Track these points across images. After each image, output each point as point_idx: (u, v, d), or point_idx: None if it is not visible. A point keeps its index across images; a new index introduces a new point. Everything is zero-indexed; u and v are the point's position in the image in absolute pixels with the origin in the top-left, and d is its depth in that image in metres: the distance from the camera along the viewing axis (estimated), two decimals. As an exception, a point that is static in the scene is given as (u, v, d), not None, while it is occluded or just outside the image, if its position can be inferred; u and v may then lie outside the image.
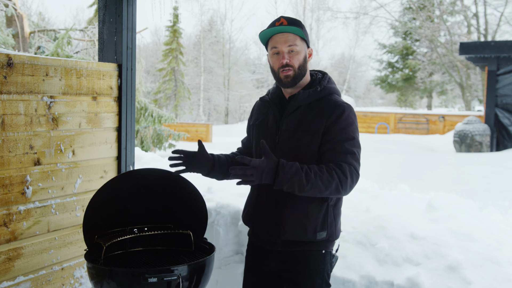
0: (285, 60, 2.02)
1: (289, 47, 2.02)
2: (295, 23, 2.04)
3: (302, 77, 2.08)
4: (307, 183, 1.87)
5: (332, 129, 2.00)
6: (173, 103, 27.73)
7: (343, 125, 2.00)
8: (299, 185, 1.87)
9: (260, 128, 2.20)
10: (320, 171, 1.90)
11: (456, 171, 9.92)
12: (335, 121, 2.00)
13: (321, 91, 2.08)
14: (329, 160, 1.97)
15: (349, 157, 1.96)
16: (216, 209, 3.41)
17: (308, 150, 2.03)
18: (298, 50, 2.03)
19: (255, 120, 2.25)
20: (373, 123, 24.19)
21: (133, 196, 2.27)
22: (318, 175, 1.88)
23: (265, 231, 2.13)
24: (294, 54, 2.03)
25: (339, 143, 1.98)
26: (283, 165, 1.87)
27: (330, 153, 1.98)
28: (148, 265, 2.22)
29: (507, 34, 26.90)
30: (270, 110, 2.18)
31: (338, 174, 1.91)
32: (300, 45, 2.04)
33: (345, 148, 1.97)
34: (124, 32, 3.06)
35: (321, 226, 2.05)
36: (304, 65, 2.07)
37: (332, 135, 1.99)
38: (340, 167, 1.93)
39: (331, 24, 55.10)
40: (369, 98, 49.07)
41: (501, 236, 3.13)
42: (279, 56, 2.04)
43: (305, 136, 2.03)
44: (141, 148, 13.54)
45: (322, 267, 2.11)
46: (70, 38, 10.57)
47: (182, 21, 40.48)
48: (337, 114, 2.01)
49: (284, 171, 1.86)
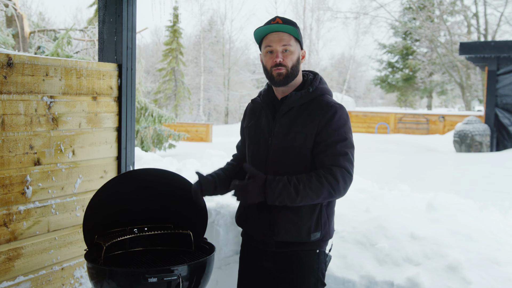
0: (279, 59, 2.03)
1: (283, 47, 2.03)
2: (290, 23, 2.05)
3: (294, 77, 2.08)
4: (296, 195, 1.90)
5: (325, 130, 2.01)
6: (173, 103, 27.73)
7: (335, 126, 2.01)
8: (290, 199, 1.91)
9: (252, 130, 2.20)
10: (309, 180, 1.92)
11: (456, 171, 9.92)
12: (327, 122, 2.01)
13: (313, 92, 2.08)
14: (322, 162, 1.99)
15: (341, 159, 1.97)
16: (216, 209, 3.41)
17: (302, 151, 2.04)
18: (292, 50, 2.04)
19: (248, 122, 2.25)
20: (373, 123, 24.18)
21: (133, 196, 2.27)
22: (308, 185, 1.91)
23: (259, 232, 2.13)
24: (288, 53, 2.04)
25: (332, 145, 1.99)
26: (270, 183, 1.91)
27: (323, 155, 1.99)
28: (148, 265, 2.22)
29: (507, 34, 26.90)
30: (263, 111, 2.18)
31: (329, 179, 1.92)
32: (294, 45, 2.05)
33: (337, 150, 1.98)
34: (124, 32, 3.06)
35: (315, 227, 2.06)
36: (297, 65, 2.08)
37: (324, 136, 2.00)
38: (330, 171, 1.94)
39: (331, 24, 55.11)
40: (369, 98, 49.09)
41: (501, 236, 3.13)
42: (273, 55, 2.05)
43: (298, 137, 2.04)
44: (141, 148, 13.54)
45: (316, 266, 2.12)
46: (70, 38, 10.57)
47: (182, 21, 40.54)
48: (330, 115, 2.02)
49: (272, 188, 1.90)
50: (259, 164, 2.12)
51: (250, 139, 2.21)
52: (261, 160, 2.11)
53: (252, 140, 2.18)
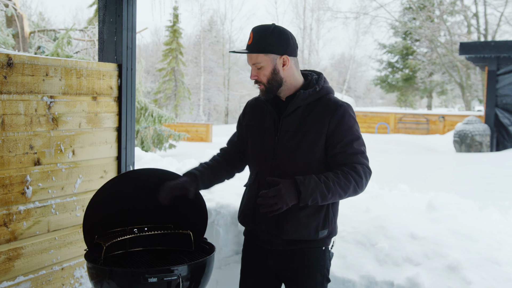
0: (253, 78, 2.09)
1: (254, 65, 2.07)
2: (257, 41, 2.04)
3: (277, 87, 2.08)
4: (328, 192, 1.92)
5: (338, 131, 2.03)
6: (173, 103, 27.73)
7: (348, 125, 2.04)
8: (322, 196, 1.92)
9: (255, 129, 2.19)
10: (337, 177, 1.95)
11: (456, 171, 9.93)
12: (339, 122, 2.03)
13: (320, 91, 2.09)
14: (342, 162, 2.02)
15: (359, 157, 2.02)
16: (216, 209, 3.41)
17: (311, 149, 2.04)
18: (263, 65, 2.06)
19: (249, 120, 2.24)
20: (373, 123, 24.19)
21: (133, 196, 2.27)
22: (336, 182, 1.94)
23: (266, 231, 2.13)
24: (260, 70, 2.07)
25: (348, 144, 2.02)
26: (302, 182, 1.91)
27: (342, 156, 2.02)
28: (148, 265, 2.22)
29: (507, 34, 26.92)
30: (266, 110, 2.17)
31: (354, 177, 1.97)
32: (264, 61, 2.05)
33: (355, 149, 2.02)
34: (124, 32, 3.06)
35: (323, 224, 2.08)
36: (275, 77, 2.07)
37: (339, 137, 2.03)
38: (355, 169, 1.98)
39: (331, 24, 55.24)
40: (369, 98, 49.07)
41: (501, 236, 3.13)
42: (251, 72, 2.11)
43: (308, 136, 2.04)
44: (141, 148, 13.54)
45: (322, 263, 2.15)
46: (70, 38, 10.57)
47: (182, 21, 40.52)
48: (340, 114, 2.04)
49: (305, 187, 1.90)
50: (264, 163, 2.12)
51: (253, 139, 2.19)
52: (267, 159, 2.11)
53: (256, 140, 2.17)
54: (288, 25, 36.65)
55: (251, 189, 2.20)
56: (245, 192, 2.28)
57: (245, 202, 2.24)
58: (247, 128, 2.24)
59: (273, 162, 2.09)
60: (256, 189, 2.15)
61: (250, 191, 2.21)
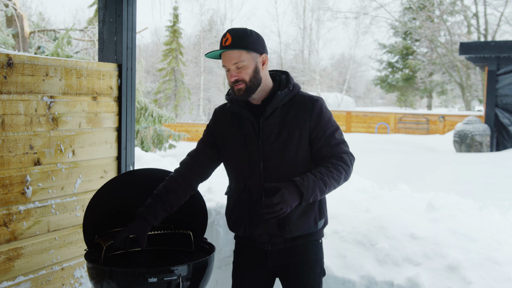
0: (234, 78, 2.04)
1: (235, 65, 2.03)
2: (238, 39, 2.03)
3: (256, 87, 2.07)
4: (325, 187, 1.98)
5: (319, 124, 2.08)
6: (173, 103, 27.72)
7: (327, 118, 2.10)
8: (321, 192, 1.97)
9: (232, 137, 2.14)
10: (329, 170, 2.00)
11: (456, 171, 9.93)
12: (319, 116, 2.08)
13: (293, 90, 2.12)
14: (328, 155, 2.08)
15: (342, 146, 2.10)
16: (216, 209, 3.41)
17: (297, 148, 2.07)
18: (246, 64, 2.03)
19: (223, 128, 2.17)
20: (373, 123, 24.17)
21: (133, 196, 2.27)
22: (330, 176, 1.99)
23: (266, 233, 2.11)
24: (242, 69, 2.04)
25: (331, 136, 2.09)
26: (302, 183, 1.93)
27: (327, 148, 2.08)
28: (148, 265, 2.22)
29: (507, 34, 26.91)
30: (242, 116, 2.13)
31: (343, 167, 2.03)
32: (246, 59, 2.03)
33: (337, 140, 2.10)
34: (124, 32, 3.06)
35: (319, 214, 2.14)
36: (256, 76, 2.06)
37: (322, 130, 2.08)
38: (342, 159, 2.05)
39: (331, 24, 55.27)
40: (369, 98, 49.09)
41: (501, 236, 3.13)
42: (229, 74, 2.06)
43: (293, 133, 2.06)
44: (141, 148, 13.54)
45: (320, 256, 2.20)
46: (70, 38, 10.57)
47: (182, 21, 40.54)
48: (318, 109, 2.09)
49: (305, 187, 1.93)
50: (250, 169, 2.09)
51: (233, 147, 2.14)
52: (255, 165, 2.08)
53: (237, 147, 2.12)
54: (288, 25, 36.56)
55: (241, 197, 2.15)
56: (230, 200, 2.22)
57: (237, 211, 2.17)
58: (222, 136, 2.18)
59: (263, 167, 2.07)
60: (247, 196, 2.12)
61: (240, 199, 2.15)
